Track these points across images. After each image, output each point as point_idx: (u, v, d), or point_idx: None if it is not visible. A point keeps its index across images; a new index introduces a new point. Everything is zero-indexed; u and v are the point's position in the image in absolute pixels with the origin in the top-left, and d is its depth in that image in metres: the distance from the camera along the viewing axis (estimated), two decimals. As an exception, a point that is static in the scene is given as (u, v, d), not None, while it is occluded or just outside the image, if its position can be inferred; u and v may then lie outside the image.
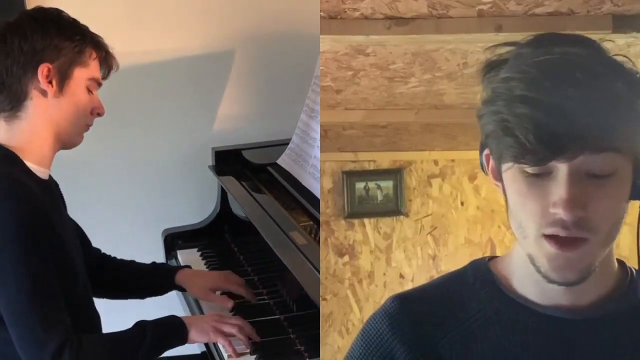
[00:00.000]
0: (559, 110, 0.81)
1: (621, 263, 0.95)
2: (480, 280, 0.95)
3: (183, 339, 1.57)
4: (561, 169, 0.83)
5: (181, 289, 1.85)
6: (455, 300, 0.94)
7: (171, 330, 1.57)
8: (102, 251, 1.88)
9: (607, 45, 0.89)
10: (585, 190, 0.83)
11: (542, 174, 0.84)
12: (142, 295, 1.86)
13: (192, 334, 1.57)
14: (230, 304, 1.77)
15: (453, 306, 0.94)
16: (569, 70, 0.83)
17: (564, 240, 0.85)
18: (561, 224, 0.84)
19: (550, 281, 0.87)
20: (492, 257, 0.98)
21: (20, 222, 1.38)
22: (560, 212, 0.83)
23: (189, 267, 1.91)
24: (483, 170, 0.96)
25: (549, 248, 0.85)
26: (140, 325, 1.54)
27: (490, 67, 0.91)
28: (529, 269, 0.89)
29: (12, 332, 1.40)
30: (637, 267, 0.95)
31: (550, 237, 0.85)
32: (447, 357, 0.91)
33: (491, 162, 0.92)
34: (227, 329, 1.60)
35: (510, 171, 0.87)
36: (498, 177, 0.91)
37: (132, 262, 1.87)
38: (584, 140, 0.82)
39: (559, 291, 0.89)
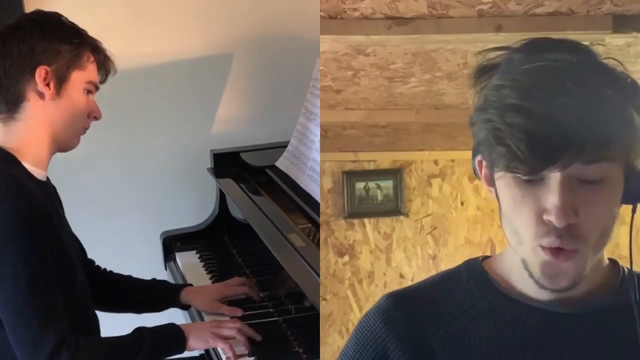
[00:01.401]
0: (551, 120, 0.82)
1: (613, 261, 0.96)
2: (474, 278, 0.96)
3: (181, 347, 1.57)
4: (554, 177, 0.84)
5: (183, 307, 1.84)
6: (448, 298, 0.95)
7: (169, 338, 1.56)
8: (98, 262, 1.86)
9: (598, 48, 0.90)
10: (577, 196, 0.84)
11: (534, 180, 0.85)
12: (140, 311, 1.85)
13: (191, 341, 1.57)
14: (239, 312, 1.75)
15: (446, 303, 0.95)
16: (560, 79, 0.84)
17: (559, 250, 0.86)
18: (555, 232, 0.85)
19: (542, 287, 0.89)
20: (486, 257, 1.00)
21: (20, 221, 1.38)
22: (553, 220, 0.84)
23: (190, 285, 1.90)
24: (476, 175, 0.97)
25: (544, 256, 0.87)
26: (139, 331, 1.54)
27: (482, 72, 0.92)
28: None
29: (10, 331, 1.39)
30: (631, 270, 0.96)
31: (545, 247, 0.86)
32: (440, 352, 0.92)
33: (484, 167, 0.93)
34: (226, 332, 1.60)
35: (503, 178, 0.88)
36: (491, 182, 0.92)
37: (130, 277, 1.85)
38: (577, 150, 0.82)
39: None
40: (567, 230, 0.84)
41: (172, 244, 2.20)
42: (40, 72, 1.46)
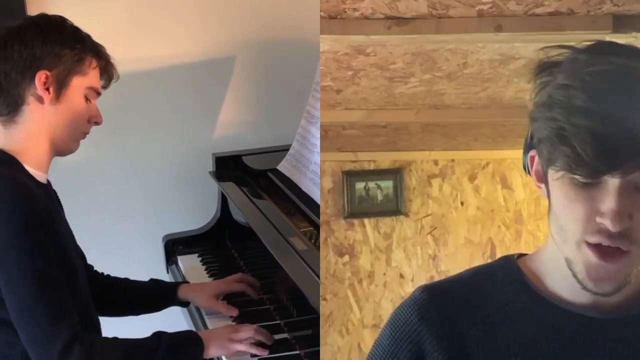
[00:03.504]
0: (618, 125, 0.81)
1: None
2: (509, 277, 0.96)
3: (199, 354, 1.54)
4: (612, 182, 0.83)
5: (181, 304, 1.84)
6: (483, 294, 0.95)
7: (187, 343, 1.55)
8: (100, 265, 1.85)
9: None
10: (633, 202, 0.84)
11: (591, 182, 0.85)
12: (139, 312, 1.85)
13: (211, 349, 1.55)
14: (235, 312, 1.76)
15: (481, 299, 0.95)
16: (629, 85, 0.84)
17: (607, 250, 0.85)
18: (607, 233, 0.84)
19: (585, 289, 0.88)
20: (521, 255, 0.99)
21: (24, 220, 1.38)
22: (607, 223, 0.83)
23: (187, 282, 1.91)
24: (526, 170, 0.96)
25: (590, 256, 0.86)
26: (157, 334, 1.53)
27: (542, 68, 0.91)
28: (563, 267, 0.89)
29: (20, 330, 1.39)
30: None
31: (593, 246, 0.86)
32: (474, 349, 0.92)
33: (536, 163, 0.93)
34: (244, 335, 1.59)
35: (560, 177, 0.87)
36: (542, 179, 0.92)
37: (127, 279, 1.85)
38: None
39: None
40: (619, 233, 0.84)
41: (174, 247, 2.20)
42: (40, 77, 1.46)
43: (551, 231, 0.91)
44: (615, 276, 0.86)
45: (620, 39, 1.43)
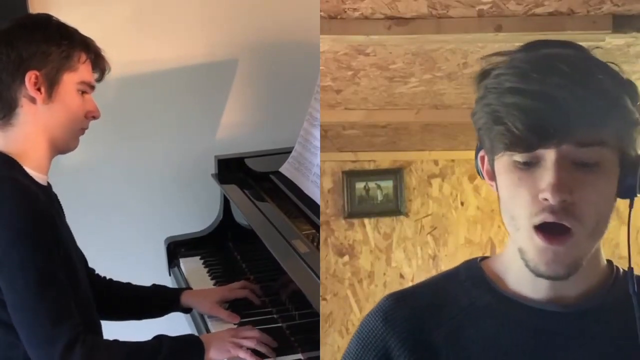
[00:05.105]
0: (547, 99, 0.85)
1: (608, 261, 0.98)
2: (471, 278, 0.98)
3: (200, 357, 1.54)
4: (549, 157, 0.87)
5: (184, 310, 1.84)
6: (447, 297, 0.98)
7: (188, 347, 1.54)
8: (102, 267, 1.85)
9: (596, 51, 0.94)
10: (571, 177, 0.87)
11: (531, 163, 0.88)
12: (140, 317, 1.85)
13: (212, 353, 1.55)
14: (236, 319, 1.76)
15: (445, 302, 0.97)
16: (556, 63, 0.87)
17: (552, 231, 0.88)
18: (549, 209, 0.87)
19: (538, 275, 0.90)
20: (484, 258, 1.02)
21: (26, 220, 1.39)
22: (548, 196, 0.86)
23: (190, 288, 1.91)
24: (479, 173, 0.99)
25: (539, 241, 0.88)
26: (158, 337, 1.53)
27: (485, 75, 0.95)
28: (522, 264, 0.92)
29: (21, 331, 1.39)
30: (629, 265, 0.97)
31: (540, 230, 0.88)
32: (440, 349, 0.94)
33: (485, 162, 0.96)
34: (246, 342, 1.58)
35: (502, 162, 0.91)
36: (492, 176, 0.95)
37: (129, 284, 1.85)
38: (571, 128, 0.85)
39: (548, 285, 0.92)
40: (561, 207, 0.87)
41: (176, 249, 2.20)
42: (30, 77, 1.46)
43: (504, 223, 0.93)
44: (564, 259, 0.89)
45: (620, 39, 1.44)
